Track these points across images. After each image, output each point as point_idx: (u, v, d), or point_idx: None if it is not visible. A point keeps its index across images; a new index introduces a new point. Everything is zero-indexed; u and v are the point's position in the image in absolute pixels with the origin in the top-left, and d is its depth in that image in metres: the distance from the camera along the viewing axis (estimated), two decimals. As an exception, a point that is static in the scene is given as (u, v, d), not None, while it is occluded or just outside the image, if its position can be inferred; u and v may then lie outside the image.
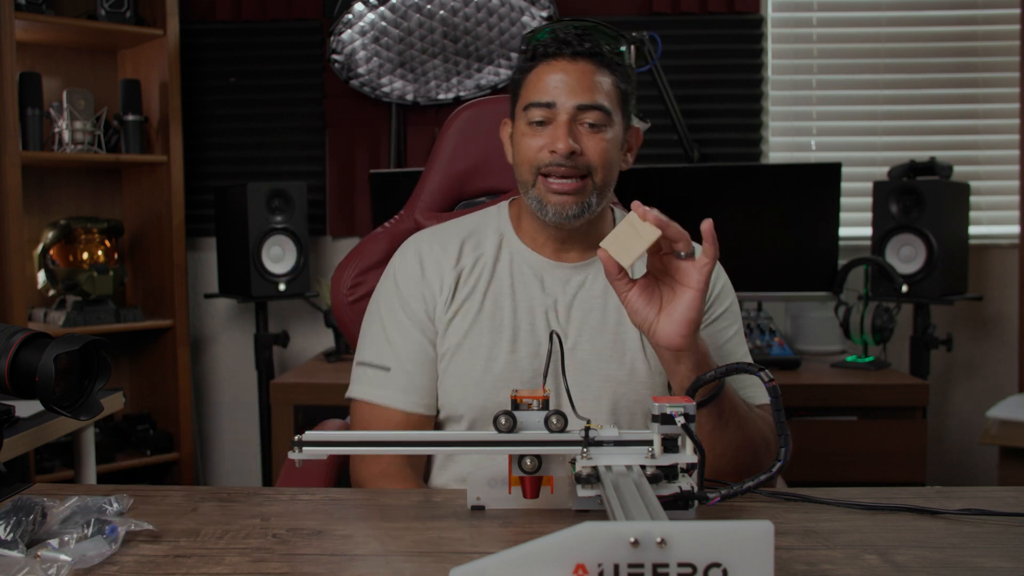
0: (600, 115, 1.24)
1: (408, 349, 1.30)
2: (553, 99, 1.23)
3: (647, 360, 1.30)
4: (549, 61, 1.25)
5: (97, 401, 1.04)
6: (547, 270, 1.32)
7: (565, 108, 1.23)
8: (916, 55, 3.03)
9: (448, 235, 1.36)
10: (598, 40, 1.26)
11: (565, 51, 1.24)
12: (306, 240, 2.82)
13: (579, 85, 1.23)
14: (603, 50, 1.25)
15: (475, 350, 1.29)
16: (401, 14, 2.77)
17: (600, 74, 1.25)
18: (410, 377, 1.29)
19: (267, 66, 3.09)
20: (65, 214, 2.93)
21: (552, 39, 1.25)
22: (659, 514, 0.77)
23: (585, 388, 1.27)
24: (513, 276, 1.32)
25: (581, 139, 1.23)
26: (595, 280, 1.32)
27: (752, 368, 0.96)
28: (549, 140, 1.23)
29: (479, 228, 1.36)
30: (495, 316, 1.30)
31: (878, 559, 0.85)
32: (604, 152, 1.24)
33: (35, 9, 2.64)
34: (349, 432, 1.23)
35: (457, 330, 1.30)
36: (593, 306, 1.31)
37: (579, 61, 1.24)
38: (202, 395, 3.21)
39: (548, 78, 1.24)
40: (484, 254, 1.33)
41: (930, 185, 2.62)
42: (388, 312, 1.32)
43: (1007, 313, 2.99)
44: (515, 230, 1.35)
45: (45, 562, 0.81)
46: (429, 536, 0.92)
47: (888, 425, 2.37)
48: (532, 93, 1.25)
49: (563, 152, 1.22)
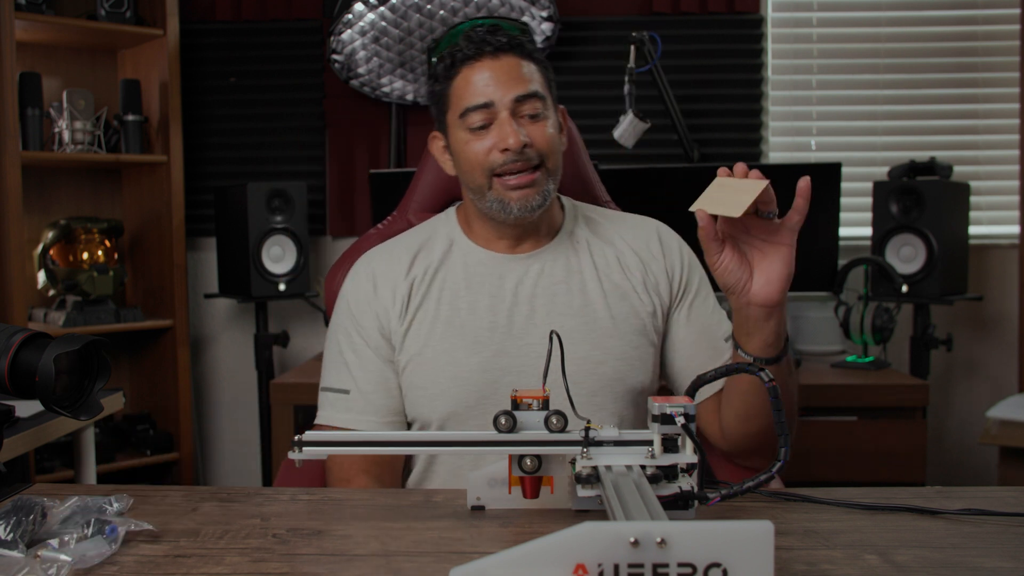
0: (538, 103, 1.24)
1: (364, 371, 1.29)
2: (489, 98, 1.22)
3: (620, 336, 1.29)
4: (471, 63, 1.24)
5: (97, 401, 1.04)
6: (502, 264, 1.31)
7: (504, 104, 1.22)
8: (916, 55, 3.03)
9: (398, 249, 1.34)
10: (509, 32, 1.25)
11: (486, 49, 1.23)
12: (306, 240, 2.82)
13: (510, 78, 1.22)
14: (521, 40, 1.25)
15: (437, 357, 1.27)
16: (401, 14, 2.77)
17: (525, 63, 1.24)
18: (368, 398, 1.28)
19: (267, 66, 3.09)
20: (65, 214, 2.93)
21: (467, 42, 1.24)
22: (659, 514, 0.77)
23: None
24: (468, 277, 1.30)
25: (526, 130, 1.23)
26: (554, 265, 1.31)
27: (752, 368, 0.96)
28: (497, 139, 1.22)
29: (430, 237, 1.35)
30: (452, 321, 1.28)
31: (878, 559, 0.85)
32: (550, 139, 1.25)
33: (35, 9, 2.64)
34: (349, 432, 1.24)
35: (415, 340, 1.28)
36: (557, 291, 1.30)
37: (502, 56, 1.23)
38: (202, 395, 3.21)
39: (476, 79, 1.23)
40: (435, 260, 1.32)
41: (930, 185, 2.62)
42: (343, 336, 1.31)
43: (1007, 313, 2.99)
44: (465, 234, 1.34)
45: (45, 562, 0.81)
46: (429, 536, 0.92)
47: (888, 425, 2.37)
48: (465, 98, 1.24)
49: (516, 147, 1.21)
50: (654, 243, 1.35)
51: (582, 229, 1.35)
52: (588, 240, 1.34)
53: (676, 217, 3.03)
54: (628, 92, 2.61)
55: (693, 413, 0.91)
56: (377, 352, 1.29)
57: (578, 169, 1.64)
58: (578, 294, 1.30)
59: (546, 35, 2.85)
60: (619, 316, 1.30)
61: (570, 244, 1.33)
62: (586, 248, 1.33)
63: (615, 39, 2.94)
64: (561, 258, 1.32)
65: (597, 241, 1.34)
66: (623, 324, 1.29)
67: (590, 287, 1.30)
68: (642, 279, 1.32)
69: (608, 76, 2.93)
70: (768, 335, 1.13)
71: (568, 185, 1.63)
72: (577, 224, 1.36)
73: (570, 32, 2.98)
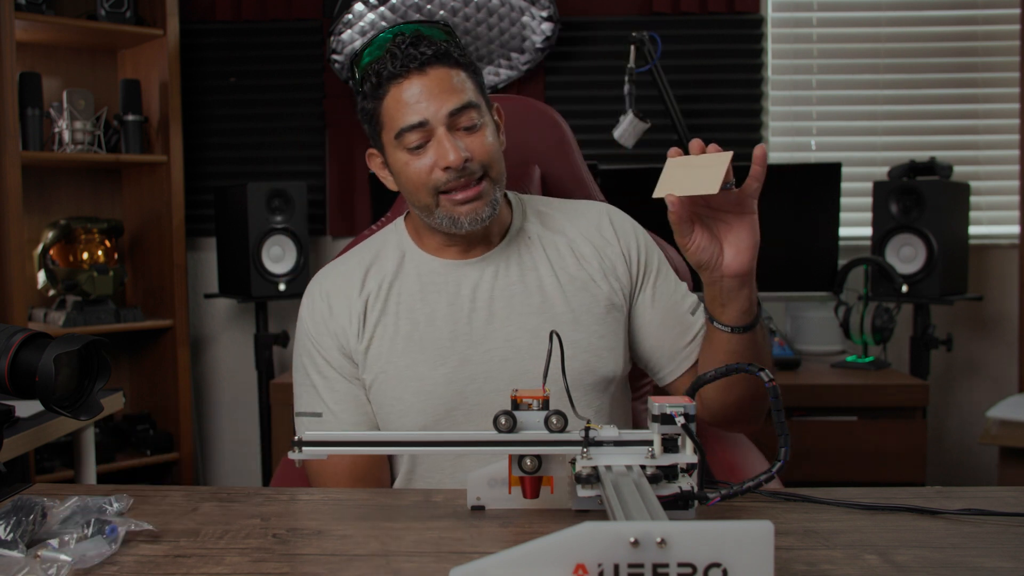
0: (473, 113, 1.20)
1: (332, 391, 1.28)
2: (423, 116, 1.18)
3: (583, 328, 1.27)
4: (399, 81, 1.19)
5: (97, 401, 1.04)
6: (455, 270, 1.29)
7: (439, 120, 1.18)
8: (916, 55, 3.03)
9: (350, 266, 1.31)
10: (433, 41, 1.20)
11: (412, 65, 1.18)
12: (306, 240, 2.82)
13: (442, 92, 1.18)
14: (447, 48, 1.20)
15: (401, 372, 1.25)
16: (401, 14, 2.77)
17: (455, 73, 1.20)
18: (339, 418, 1.27)
19: (267, 66, 3.09)
20: (65, 214, 2.93)
21: (391, 58, 1.19)
22: (659, 514, 0.77)
23: (532, 373, 1.23)
24: (423, 288, 1.28)
25: (464, 143, 1.19)
26: (507, 265, 1.29)
27: (752, 368, 0.96)
28: (437, 157, 1.18)
29: (380, 252, 1.32)
30: (412, 335, 1.25)
31: (878, 559, 0.85)
32: (490, 148, 1.22)
33: (35, 9, 2.64)
34: (349, 432, 1.24)
35: (376, 358, 1.26)
36: (513, 291, 1.28)
37: (429, 70, 1.18)
38: (202, 395, 3.21)
39: (406, 97, 1.18)
40: (387, 274, 1.29)
41: (930, 185, 2.62)
42: (308, 359, 1.30)
43: (1007, 313, 2.99)
44: (416, 243, 1.31)
45: (45, 562, 0.81)
46: (429, 536, 0.92)
47: (888, 425, 2.37)
48: (398, 118, 1.19)
49: (457, 164, 1.17)
50: (606, 227, 1.33)
51: (532, 224, 1.33)
52: (539, 235, 1.32)
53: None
54: (628, 92, 2.61)
55: (693, 413, 0.91)
56: (341, 372, 1.28)
57: (573, 169, 1.64)
58: (535, 292, 1.28)
59: (546, 35, 2.85)
60: (579, 308, 1.28)
61: (521, 241, 1.31)
62: (538, 243, 1.31)
63: (615, 39, 2.94)
64: (514, 257, 1.30)
65: (548, 234, 1.32)
66: (585, 315, 1.28)
67: (546, 283, 1.28)
68: (599, 265, 1.30)
69: (608, 76, 2.93)
70: (743, 303, 1.14)
71: (563, 186, 1.63)
72: (527, 220, 1.34)
73: (570, 32, 2.98)
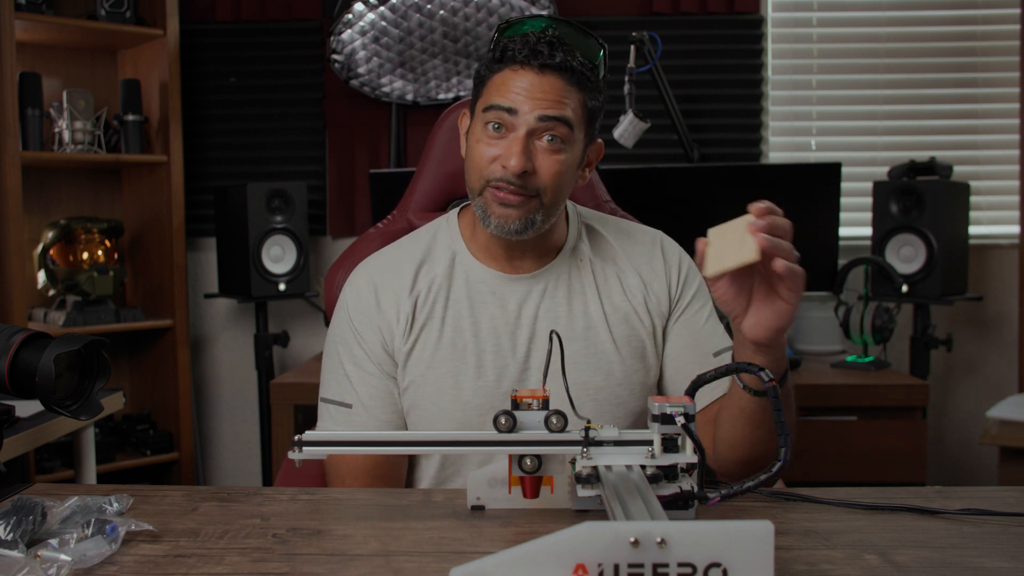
0: (562, 130, 1.18)
1: (366, 385, 1.27)
2: (515, 105, 1.17)
3: (622, 360, 1.27)
4: (516, 67, 1.18)
5: (97, 401, 1.04)
6: (504, 285, 1.28)
7: (526, 119, 1.17)
8: (916, 55, 3.03)
9: (401, 260, 1.30)
10: (572, 50, 1.19)
11: (534, 62, 1.17)
12: (306, 240, 2.82)
13: (544, 97, 1.17)
14: (574, 64, 1.18)
15: (440, 379, 1.25)
16: (401, 14, 2.77)
17: (568, 89, 1.18)
18: (371, 413, 1.26)
19: (267, 66, 3.09)
20: (65, 214, 2.93)
21: (524, 43, 1.18)
22: (659, 514, 0.77)
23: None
24: (471, 297, 1.27)
25: (536, 156, 1.17)
26: (556, 286, 1.28)
27: (752, 368, 0.96)
28: (503, 153, 1.17)
29: (431, 249, 1.31)
30: (456, 343, 1.25)
31: (878, 559, 0.85)
32: (558, 174, 1.19)
33: (35, 9, 2.64)
34: (349, 432, 1.24)
35: (419, 361, 1.25)
36: (559, 314, 1.27)
37: (547, 74, 1.17)
38: (202, 395, 3.21)
39: (513, 83, 1.17)
40: (437, 276, 1.28)
41: (930, 185, 2.62)
42: (344, 348, 1.29)
43: (1007, 313, 2.99)
44: (467, 242, 1.30)
45: (45, 562, 0.81)
46: (429, 536, 0.92)
47: (888, 425, 2.37)
48: (494, 95, 1.19)
49: (515, 170, 1.16)
50: (656, 257, 1.32)
51: (584, 244, 1.32)
52: (591, 258, 1.31)
53: (676, 217, 3.04)
54: (628, 92, 2.61)
55: (693, 413, 0.91)
56: (380, 366, 1.27)
57: None
58: (580, 317, 1.27)
59: (546, 35, 2.85)
60: (620, 339, 1.28)
61: (573, 262, 1.30)
62: (588, 267, 1.30)
63: (615, 39, 2.92)
64: (564, 277, 1.29)
65: (599, 260, 1.32)
66: (624, 348, 1.28)
67: (591, 309, 1.28)
68: (643, 298, 1.30)
69: (608, 76, 2.92)
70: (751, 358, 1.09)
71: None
72: (580, 239, 1.33)
73: (570, 32, 2.98)
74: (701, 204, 2.64)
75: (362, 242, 1.59)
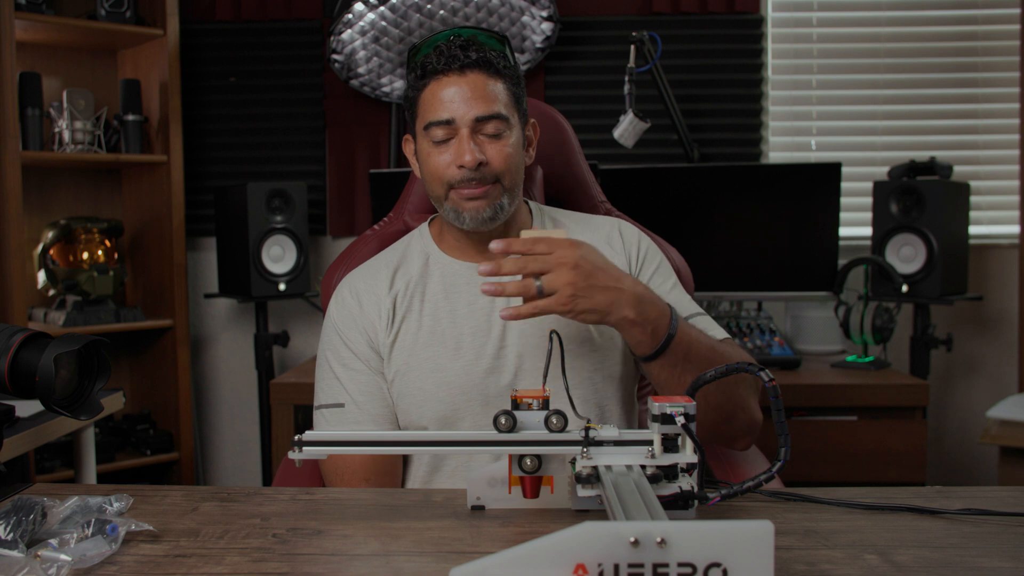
0: (499, 124, 1.26)
1: (356, 382, 1.32)
2: (451, 115, 1.25)
3: (587, 329, 1.31)
4: (439, 77, 1.26)
5: (97, 401, 1.04)
6: (477, 273, 1.31)
7: (464, 122, 1.25)
8: (916, 55, 3.03)
9: (378, 268, 1.38)
10: (482, 46, 1.27)
11: (453, 65, 1.25)
12: (306, 240, 2.82)
13: (474, 97, 1.25)
14: (490, 57, 1.27)
15: (423, 364, 1.30)
16: (401, 14, 2.77)
17: (492, 82, 1.27)
18: (363, 408, 1.31)
19: (267, 66, 3.09)
20: (65, 214, 2.93)
21: (438, 55, 1.26)
22: (659, 514, 0.77)
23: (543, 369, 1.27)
24: (447, 289, 1.34)
25: (484, 148, 1.26)
26: None
27: (752, 368, 0.96)
28: (455, 156, 1.26)
29: (405, 255, 1.39)
30: (435, 329, 1.31)
31: (878, 559, 0.85)
32: (508, 157, 1.27)
33: (35, 9, 2.64)
34: (348, 432, 1.24)
35: (401, 350, 1.31)
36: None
37: (468, 73, 1.26)
38: (202, 395, 3.21)
39: (442, 94, 1.26)
40: (414, 276, 1.35)
41: (930, 185, 2.62)
42: (332, 352, 1.34)
43: (1007, 313, 2.99)
44: (439, 245, 1.38)
45: (45, 562, 0.81)
46: (429, 536, 0.92)
47: (888, 425, 2.37)
48: (429, 112, 1.27)
49: (470, 165, 1.24)
50: (615, 238, 1.39)
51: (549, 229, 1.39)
52: None
53: (676, 217, 3.02)
54: (628, 92, 2.61)
55: (693, 413, 0.91)
56: (368, 363, 1.32)
57: (572, 170, 1.65)
58: None
59: (546, 35, 2.85)
60: None
61: None
62: None
63: (615, 39, 2.94)
64: None
65: None
66: None
67: None
68: None
69: (608, 76, 2.93)
70: (630, 341, 1.17)
71: (563, 186, 1.64)
72: (544, 227, 1.40)
73: (570, 32, 2.98)
74: (701, 204, 2.64)
75: (360, 244, 1.59)
